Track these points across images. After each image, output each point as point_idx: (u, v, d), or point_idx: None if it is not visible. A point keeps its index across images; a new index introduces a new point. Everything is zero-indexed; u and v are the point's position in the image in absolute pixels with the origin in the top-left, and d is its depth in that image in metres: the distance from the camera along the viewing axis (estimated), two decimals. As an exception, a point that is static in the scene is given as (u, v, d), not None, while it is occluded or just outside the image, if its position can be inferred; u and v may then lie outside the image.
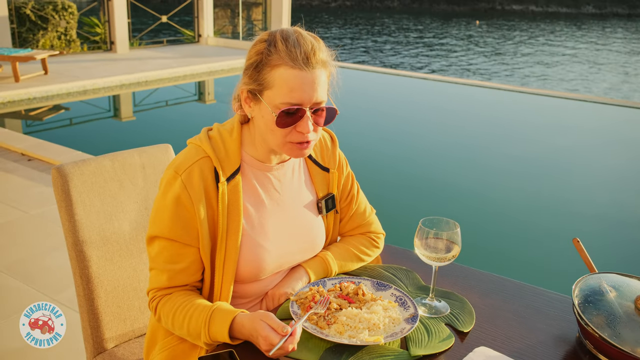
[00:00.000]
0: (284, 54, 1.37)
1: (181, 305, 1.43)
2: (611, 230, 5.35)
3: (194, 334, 1.39)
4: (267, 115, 1.42)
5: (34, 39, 11.80)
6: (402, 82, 12.35)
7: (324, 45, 1.45)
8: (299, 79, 1.37)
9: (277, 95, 1.39)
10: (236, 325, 1.33)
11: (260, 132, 1.47)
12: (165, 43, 14.52)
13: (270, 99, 1.40)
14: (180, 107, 10.11)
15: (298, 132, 1.42)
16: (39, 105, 8.74)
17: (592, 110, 10.24)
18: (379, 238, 1.80)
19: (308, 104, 1.40)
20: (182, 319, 1.41)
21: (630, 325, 1.32)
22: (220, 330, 1.34)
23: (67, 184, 1.73)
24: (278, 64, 1.38)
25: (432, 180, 6.55)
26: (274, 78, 1.38)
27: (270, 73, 1.39)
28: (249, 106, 1.47)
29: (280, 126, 1.40)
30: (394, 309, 1.46)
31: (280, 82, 1.38)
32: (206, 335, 1.36)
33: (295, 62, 1.37)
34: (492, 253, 4.69)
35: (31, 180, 5.19)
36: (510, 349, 1.37)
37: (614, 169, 7.18)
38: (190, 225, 1.44)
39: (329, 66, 1.45)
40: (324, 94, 1.43)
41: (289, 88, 1.37)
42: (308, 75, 1.38)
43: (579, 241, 1.60)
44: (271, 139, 1.45)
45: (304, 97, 1.38)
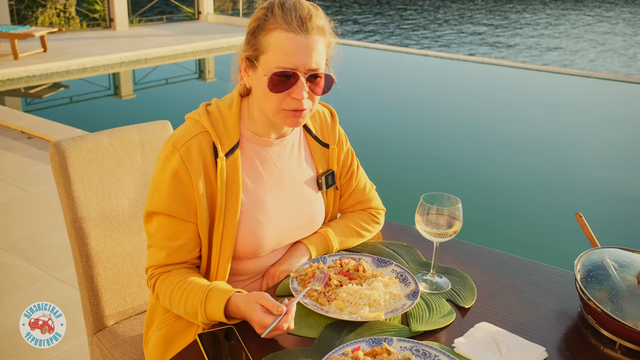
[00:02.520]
0: (279, 17, 1.36)
1: (178, 283, 1.42)
2: (614, 207, 5.34)
3: (191, 313, 1.38)
4: (262, 81, 1.40)
5: (32, 16, 11.70)
6: (403, 59, 12.26)
7: (322, 13, 1.43)
8: (293, 41, 1.35)
9: (272, 58, 1.37)
10: (231, 306, 1.32)
11: (258, 100, 1.45)
12: (165, 20, 14.41)
13: (265, 63, 1.38)
14: (181, 85, 10.07)
15: (292, 99, 1.39)
16: (38, 83, 8.70)
17: (593, 87, 10.17)
18: (379, 214, 1.79)
19: (302, 69, 1.37)
20: (179, 298, 1.40)
21: (632, 300, 1.31)
22: (216, 311, 1.33)
23: (64, 160, 1.71)
24: (273, 28, 1.37)
25: (433, 157, 6.53)
26: (269, 42, 1.37)
27: (265, 37, 1.38)
28: (248, 75, 1.45)
29: (273, 91, 1.38)
30: (394, 285, 1.45)
31: (275, 46, 1.36)
32: (203, 315, 1.35)
33: (290, 26, 1.35)
34: (494, 229, 4.69)
35: (31, 158, 5.18)
36: (512, 325, 1.36)
37: (616, 145, 7.15)
38: (188, 200, 1.42)
39: (326, 34, 1.43)
40: (321, 61, 1.41)
41: (283, 52, 1.36)
42: (303, 40, 1.36)
43: (581, 216, 1.59)
44: (266, 107, 1.43)
45: (298, 61, 1.36)
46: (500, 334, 1.31)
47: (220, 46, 11.79)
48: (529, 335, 1.32)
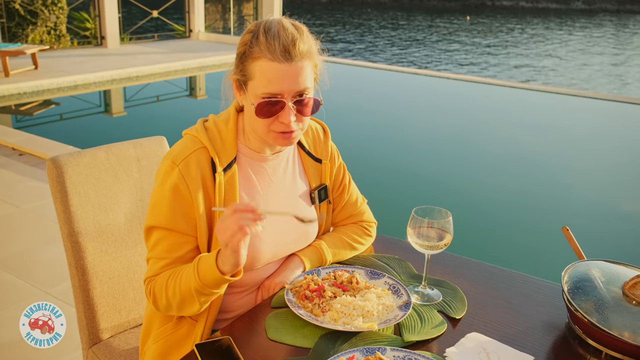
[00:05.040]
0: (264, 46, 1.38)
1: (171, 274, 1.43)
2: (598, 222, 5.42)
3: (186, 290, 1.38)
4: (251, 105, 1.43)
5: (23, 33, 11.71)
6: (392, 78, 12.36)
7: (307, 35, 1.44)
8: (277, 71, 1.38)
9: (258, 86, 1.40)
10: (220, 256, 1.34)
11: (249, 120, 1.48)
12: (156, 38, 14.48)
13: (253, 89, 1.42)
14: (172, 102, 10.09)
15: (280, 122, 1.43)
16: (30, 100, 8.69)
17: (579, 105, 10.30)
18: (371, 227, 1.83)
19: (289, 94, 1.40)
20: (174, 284, 1.41)
21: (618, 310, 1.35)
22: (208, 268, 1.34)
23: (62, 175, 1.74)
24: (258, 57, 1.39)
25: (422, 174, 6.59)
26: (255, 70, 1.40)
27: (251, 64, 1.41)
28: (239, 94, 1.49)
29: (260, 116, 1.41)
30: (387, 296, 1.49)
31: (260, 74, 1.39)
32: (196, 280, 1.36)
33: (274, 55, 1.37)
34: (482, 245, 4.73)
35: (22, 174, 5.18)
36: (502, 335, 1.39)
37: (601, 162, 7.24)
38: (188, 214, 1.45)
39: (313, 56, 1.45)
40: (308, 83, 1.43)
41: (267, 80, 1.38)
42: (287, 68, 1.38)
43: (568, 229, 1.63)
44: (256, 128, 1.46)
45: (284, 88, 1.39)
46: (490, 343, 1.35)
47: (211, 64, 11.86)
48: (518, 345, 1.36)
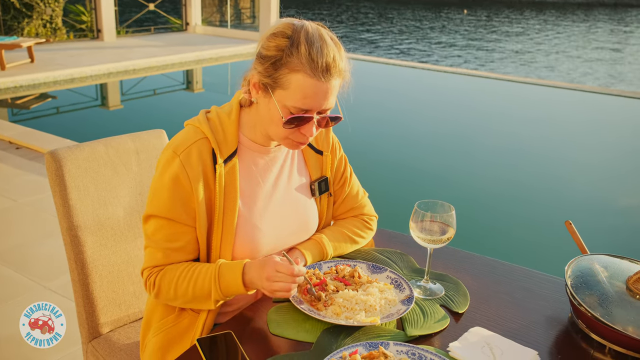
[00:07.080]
0: (306, 60, 1.34)
1: (183, 271, 1.44)
2: (600, 216, 5.42)
3: (202, 295, 1.41)
4: (274, 110, 1.40)
5: (18, 26, 11.64)
6: (393, 72, 12.34)
7: (344, 51, 1.42)
8: (315, 88, 1.35)
9: (290, 98, 1.37)
10: (246, 275, 1.39)
11: (263, 121, 1.46)
12: (152, 31, 14.41)
13: (282, 98, 1.38)
14: (168, 95, 10.06)
15: (302, 134, 1.42)
16: (26, 93, 8.65)
17: (578, 98, 10.30)
18: (371, 220, 1.82)
19: (317, 110, 1.39)
20: (187, 284, 1.42)
21: (621, 305, 1.35)
22: (233, 280, 1.39)
23: (61, 168, 1.72)
24: (298, 70, 1.34)
25: (423, 168, 6.58)
26: (291, 82, 1.35)
27: (287, 75, 1.35)
28: (257, 93, 1.44)
29: (286, 127, 1.40)
30: (389, 290, 1.48)
31: (296, 88, 1.35)
32: (217, 291, 1.40)
33: (315, 72, 1.34)
34: (485, 239, 4.73)
35: (19, 168, 5.16)
36: (505, 329, 1.39)
37: (602, 156, 7.25)
38: (188, 204, 1.44)
39: (346, 74, 1.43)
40: (334, 100, 1.43)
41: (303, 95, 1.35)
42: (324, 85, 1.36)
43: (571, 223, 1.63)
44: (272, 131, 1.45)
45: (315, 104, 1.38)
46: (493, 338, 1.34)
47: (208, 57, 11.80)
48: (521, 339, 1.35)
